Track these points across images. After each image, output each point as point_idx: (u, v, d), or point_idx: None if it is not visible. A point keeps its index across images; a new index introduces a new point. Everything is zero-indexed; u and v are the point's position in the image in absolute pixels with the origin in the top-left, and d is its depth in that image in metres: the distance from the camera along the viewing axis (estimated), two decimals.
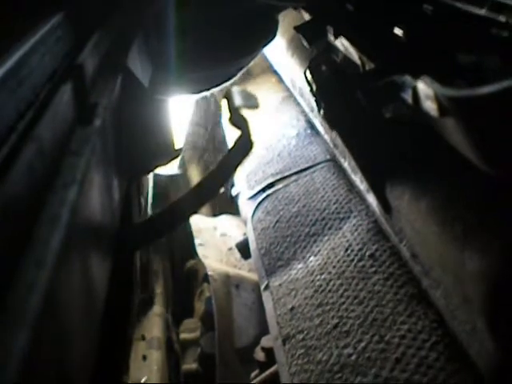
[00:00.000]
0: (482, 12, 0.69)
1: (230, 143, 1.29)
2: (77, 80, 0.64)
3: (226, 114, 0.79)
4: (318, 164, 1.53)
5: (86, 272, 0.51)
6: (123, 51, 0.82)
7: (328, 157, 1.54)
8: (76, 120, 0.60)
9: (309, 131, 1.73)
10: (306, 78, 1.10)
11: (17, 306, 0.35)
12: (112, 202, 0.67)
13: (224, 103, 0.80)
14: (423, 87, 0.58)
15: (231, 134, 1.93)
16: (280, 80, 2.03)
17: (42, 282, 0.37)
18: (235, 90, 0.79)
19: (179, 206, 0.74)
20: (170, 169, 2.49)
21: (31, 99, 0.56)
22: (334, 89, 1.00)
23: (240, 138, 0.76)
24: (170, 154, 0.86)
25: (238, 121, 0.77)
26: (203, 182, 0.75)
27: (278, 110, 1.97)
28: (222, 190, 2.10)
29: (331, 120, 1.08)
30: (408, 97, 0.63)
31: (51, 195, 0.45)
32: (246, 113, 0.77)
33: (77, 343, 0.46)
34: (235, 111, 0.77)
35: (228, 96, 0.79)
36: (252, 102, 0.81)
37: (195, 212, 0.77)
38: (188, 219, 1.85)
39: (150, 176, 1.16)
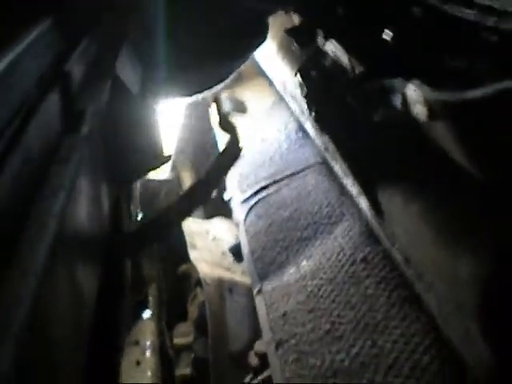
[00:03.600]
0: (471, 16, 0.69)
1: (221, 147, 1.29)
2: (64, 87, 0.63)
3: (215, 119, 0.80)
4: (310, 167, 1.53)
5: (75, 280, 0.50)
6: (112, 57, 0.81)
7: (319, 159, 1.53)
8: (64, 127, 0.60)
9: (300, 134, 1.73)
10: (298, 80, 1.10)
11: (3, 315, 0.35)
12: (101, 209, 0.66)
13: (213, 107, 0.80)
14: (413, 91, 0.57)
15: (222, 138, 1.92)
16: (270, 83, 2.02)
17: (28, 292, 0.37)
18: (223, 95, 0.79)
19: (170, 211, 0.74)
20: (162, 173, 2.48)
21: (19, 106, 0.55)
22: (324, 93, 1.00)
23: (229, 143, 0.76)
24: (160, 159, 0.85)
25: (227, 126, 0.77)
26: (194, 187, 0.75)
27: (269, 113, 1.96)
28: (214, 193, 2.10)
29: (322, 124, 1.08)
30: (398, 101, 0.62)
31: (38, 203, 0.45)
32: (235, 117, 0.77)
33: (66, 350, 0.46)
34: (224, 117, 0.77)
35: (216, 100, 0.79)
36: (240, 107, 0.81)
37: (186, 218, 0.76)
38: (179, 225, 1.84)
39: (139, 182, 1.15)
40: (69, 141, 0.56)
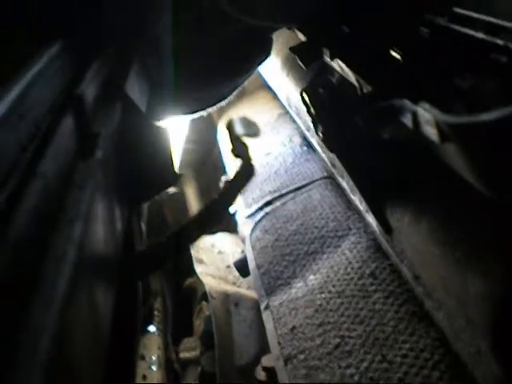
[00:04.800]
0: (480, 35, 0.69)
1: (227, 161, 1.29)
2: (77, 111, 0.64)
3: (227, 144, 0.80)
4: (315, 181, 1.54)
5: (92, 304, 0.51)
6: (122, 77, 0.82)
7: (325, 174, 1.54)
8: (78, 152, 0.60)
9: (305, 148, 1.74)
10: (304, 100, 1.10)
11: (28, 346, 0.35)
12: (115, 232, 0.66)
13: (225, 132, 0.80)
14: (423, 112, 0.58)
15: (227, 152, 1.93)
16: (274, 97, 2.03)
17: (51, 322, 0.37)
18: (236, 118, 0.80)
19: (183, 233, 0.74)
20: None
21: (33, 132, 0.56)
22: (331, 112, 1.01)
23: (241, 166, 0.76)
24: (171, 179, 0.86)
25: (240, 149, 0.77)
26: (206, 209, 0.76)
27: (274, 127, 1.97)
28: None
29: (329, 142, 1.08)
30: (408, 121, 0.63)
31: (57, 232, 0.45)
32: (248, 140, 0.78)
33: (85, 376, 0.46)
34: (237, 140, 0.77)
35: (229, 125, 0.79)
36: (253, 130, 0.81)
37: (197, 239, 0.77)
38: (191, 246, 1.85)
39: None
40: (84, 166, 0.56)
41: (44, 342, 0.36)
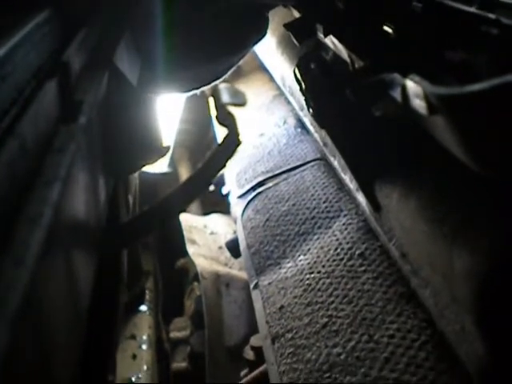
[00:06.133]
0: (472, 9, 0.68)
1: (220, 139, 1.28)
2: (62, 77, 0.63)
3: (213, 112, 0.79)
4: (308, 162, 1.53)
5: (70, 271, 0.50)
6: (110, 48, 0.81)
7: (318, 155, 1.53)
8: (61, 117, 0.59)
9: (299, 130, 1.73)
10: (296, 76, 1.09)
11: None
12: (98, 201, 0.66)
13: (211, 100, 0.79)
14: (412, 85, 0.57)
15: (221, 131, 1.92)
16: (271, 78, 2.02)
17: (21, 282, 0.36)
18: (222, 86, 0.79)
19: (167, 202, 0.74)
20: (160, 167, 2.48)
21: (15, 96, 0.55)
22: (323, 87, 1.00)
23: (227, 135, 0.75)
24: (158, 152, 0.85)
25: (225, 118, 0.76)
26: (191, 178, 0.75)
27: (269, 108, 1.96)
28: (213, 188, 2.10)
29: (320, 118, 1.07)
30: (397, 95, 0.62)
31: (32, 193, 0.44)
32: (234, 110, 0.77)
33: (60, 342, 0.45)
34: (222, 108, 0.76)
35: (215, 93, 0.78)
36: (239, 99, 0.80)
37: (184, 209, 0.76)
38: (177, 216, 1.84)
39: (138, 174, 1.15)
40: (65, 130, 0.56)
41: (13, 299, 0.35)
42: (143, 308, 2.08)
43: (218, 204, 2.27)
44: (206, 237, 2.09)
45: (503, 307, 0.65)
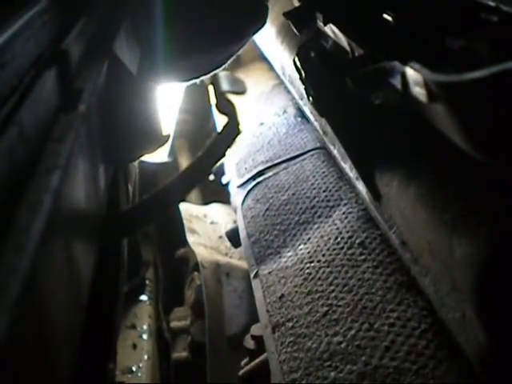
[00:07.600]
0: None
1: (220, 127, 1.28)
2: (62, 65, 0.63)
3: (213, 100, 0.79)
4: (308, 152, 1.53)
5: (70, 258, 0.50)
6: (110, 37, 0.81)
7: (318, 144, 1.53)
8: (60, 106, 0.59)
9: (299, 119, 1.73)
10: (295, 64, 1.09)
11: None
12: (98, 189, 0.66)
13: (210, 89, 0.79)
14: (412, 73, 0.57)
15: (221, 120, 1.92)
16: (271, 67, 2.02)
17: (21, 268, 0.36)
18: (222, 74, 0.79)
19: (167, 191, 0.74)
20: (160, 157, 2.48)
21: (14, 84, 0.55)
22: (322, 75, 1.00)
23: (227, 123, 0.75)
24: (158, 140, 0.85)
25: (225, 106, 0.76)
26: (190, 167, 0.75)
27: (268, 97, 1.96)
28: (212, 177, 2.10)
29: (320, 107, 1.07)
30: (397, 83, 0.62)
31: (33, 181, 0.44)
32: (233, 99, 0.77)
33: (60, 329, 0.45)
34: (222, 96, 0.76)
35: (214, 81, 0.78)
36: (239, 87, 0.80)
37: (183, 197, 0.76)
38: (176, 205, 1.84)
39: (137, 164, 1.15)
40: (65, 119, 0.56)
41: (13, 286, 0.35)
42: (143, 298, 2.09)
43: (218, 193, 2.27)
44: (206, 226, 2.09)
45: (503, 295, 0.65)
